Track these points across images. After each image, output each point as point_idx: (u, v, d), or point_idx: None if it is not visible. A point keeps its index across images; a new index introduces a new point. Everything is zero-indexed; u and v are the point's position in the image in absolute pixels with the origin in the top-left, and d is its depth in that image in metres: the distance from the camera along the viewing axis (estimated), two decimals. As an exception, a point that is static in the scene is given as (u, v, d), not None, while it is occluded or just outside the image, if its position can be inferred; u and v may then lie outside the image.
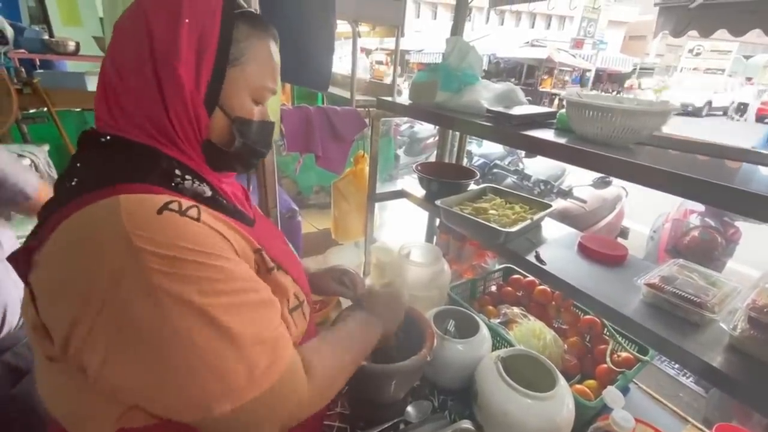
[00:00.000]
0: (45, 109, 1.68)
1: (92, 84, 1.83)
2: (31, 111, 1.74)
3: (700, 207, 2.79)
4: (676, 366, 2.39)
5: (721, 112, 16.16)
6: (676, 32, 1.94)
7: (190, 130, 0.53)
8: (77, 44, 1.90)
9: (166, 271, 0.42)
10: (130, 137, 0.50)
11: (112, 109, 0.51)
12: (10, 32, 1.70)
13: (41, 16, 2.76)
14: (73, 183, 0.48)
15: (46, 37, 1.88)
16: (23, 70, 1.80)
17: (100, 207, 0.43)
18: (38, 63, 2.43)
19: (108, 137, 0.51)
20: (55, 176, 1.52)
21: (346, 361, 0.63)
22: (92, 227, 0.43)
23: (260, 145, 0.62)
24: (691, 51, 20.86)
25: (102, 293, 0.40)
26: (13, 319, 0.96)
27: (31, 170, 1.05)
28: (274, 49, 0.60)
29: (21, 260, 0.46)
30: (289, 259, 0.68)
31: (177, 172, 0.51)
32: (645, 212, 3.33)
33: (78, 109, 1.97)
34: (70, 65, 2.45)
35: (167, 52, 0.49)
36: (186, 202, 0.47)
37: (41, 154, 1.48)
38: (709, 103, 15.65)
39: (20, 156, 1.37)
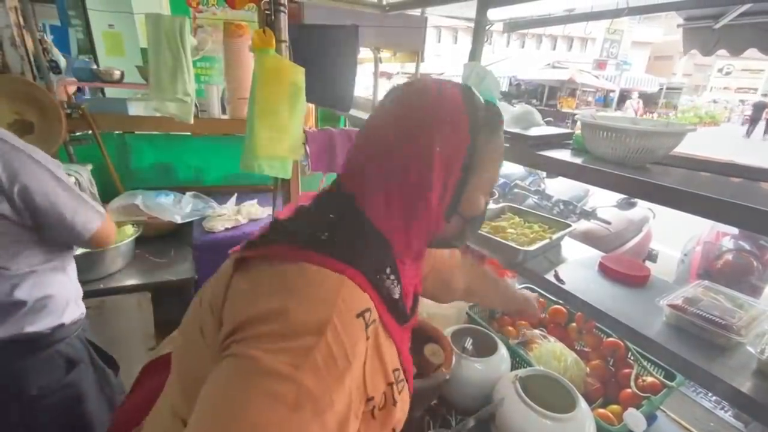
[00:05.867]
0: (89, 131, 1.82)
1: (133, 109, 1.96)
2: (78, 133, 1.88)
3: (734, 229, 2.68)
4: (713, 399, 2.25)
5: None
6: (705, 51, 1.92)
7: (426, 234, 0.56)
8: (122, 73, 2.06)
9: (317, 365, 0.41)
10: (371, 219, 0.53)
11: (368, 195, 0.54)
12: (63, 63, 1.85)
13: (88, 48, 3.03)
14: (323, 236, 0.49)
15: (94, 66, 2.04)
16: (73, 96, 1.96)
17: (329, 277, 0.46)
18: (87, 90, 2.64)
19: (358, 209, 0.54)
20: (96, 193, 1.62)
21: None
22: (317, 289, 0.45)
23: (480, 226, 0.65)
24: (720, 70, 20.38)
25: (275, 338, 0.41)
26: (72, 313, 1.04)
27: (95, 207, 1.03)
28: (502, 136, 0.60)
29: (238, 257, 0.49)
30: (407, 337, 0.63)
31: (387, 270, 0.53)
32: (675, 235, 3.21)
33: (118, 132, 2.12)
34: (109, 91, 2.67)
35: (421, 185, 0.52)
36: (373, 315, 0.48)
37: (85, 173, 1.59)
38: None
39: (67, 174, 1.49)
